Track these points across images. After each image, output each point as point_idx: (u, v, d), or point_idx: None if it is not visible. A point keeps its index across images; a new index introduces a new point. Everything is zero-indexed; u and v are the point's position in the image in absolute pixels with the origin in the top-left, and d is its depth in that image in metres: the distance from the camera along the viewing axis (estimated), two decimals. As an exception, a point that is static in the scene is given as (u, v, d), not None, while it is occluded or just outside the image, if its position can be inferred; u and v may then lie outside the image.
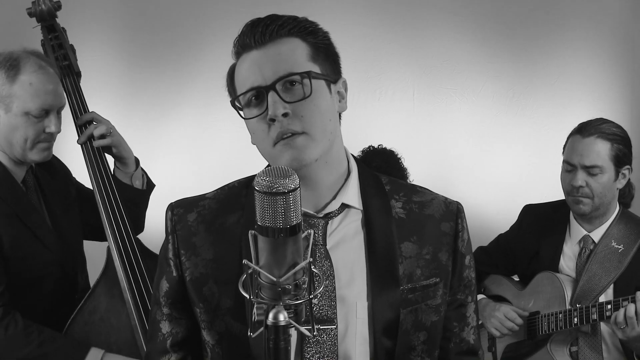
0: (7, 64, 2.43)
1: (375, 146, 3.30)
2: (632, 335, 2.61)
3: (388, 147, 3.30)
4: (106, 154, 2.73)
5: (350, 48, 3.95)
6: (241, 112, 1.56)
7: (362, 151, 3.30)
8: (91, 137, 2.70)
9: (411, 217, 1.62)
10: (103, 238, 2.70)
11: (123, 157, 2.75)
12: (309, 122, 1.50)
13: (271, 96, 1.49)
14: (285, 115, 1.48)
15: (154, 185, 2.88)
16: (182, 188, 2.15)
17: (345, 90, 1.62)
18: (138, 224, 2.83)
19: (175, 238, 1.63)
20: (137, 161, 2.81)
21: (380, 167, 3.11)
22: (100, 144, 2.69)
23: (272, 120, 1.48)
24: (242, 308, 1.53)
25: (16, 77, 2.43)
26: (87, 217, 2.77)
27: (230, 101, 1.57)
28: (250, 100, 1.52)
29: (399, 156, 3.28)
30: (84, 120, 2.71)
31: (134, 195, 2.78)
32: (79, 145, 2.71)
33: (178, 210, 1.65)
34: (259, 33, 1.51)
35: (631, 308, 2.60)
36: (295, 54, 1.52)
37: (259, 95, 1.51)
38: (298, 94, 1.50)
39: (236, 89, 1.57)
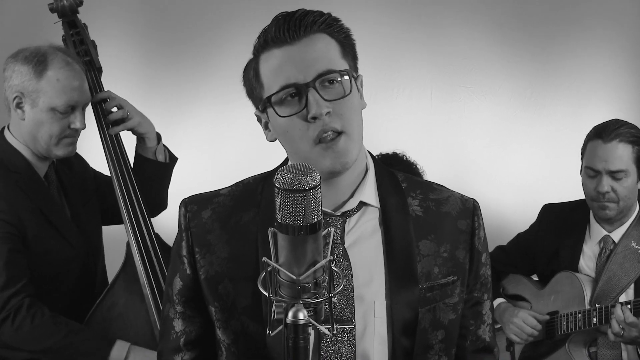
0: (35, 59, 2.44)
1: (389, 152, 3.27)
2: (631, 336, 2.65)
3: (399, 152, 3.27)
4: (128, 132, 2.74)
5: (368, 46, 3.93)
6: (275, 109, 1.50)
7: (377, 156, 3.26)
8: (106, 123, 2.70)
9: (428, 215, 1.60)
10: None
11: (144, 134, 2.74)
12: (347, 120, 1.49)
13: (312, 94, 1.46)
14: (327, 113, 1.46)
15: (177, 159, 2.87)
16: (198, 184, 2.14)
17: (362, 86, 1.61)
18: (161, 200, 2.85)
19: (189, 235, 1.61)
20: (158, 136, 2.80)
21: None
22: (115, 131, 2.69)
23: (314, 119, 1.46)
24: (259, 307, 1.52)
25: (43, 72, 2.43)
26: (106, 203, 2.78)
27: (266, 98, 1.52)
28: (284, 97, 1.49)
29: (411, 160, 3.26)
30: (99, 98, 2.71)
31: (158, 169, 2.78)
32: (98, 137, 2.71)
33: (192, 206, 1.63)
34: (293, 28, 1.48)
35: (626, 313, 2.63)
36: (330, 51, 1.50)
37: (296, 92, 1.48)
38: (337, 91, 1.49)
39: (264, 84, 1.53)
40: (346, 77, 1.50)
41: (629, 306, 2.67)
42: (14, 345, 2.41)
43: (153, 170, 2.76)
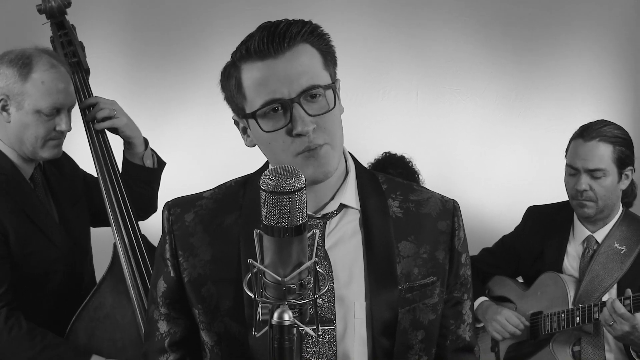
0: (20, 62, 2.43)
1: (397, 154, 3.29)
2: (623, 330, 2.63)
3: (407, 157, 3.29)
4: (114, 135, 2.74)
5: (354, 48, 3.98)
6: (259, 123, 1.50)
7: (377, 159, 3.30)
8: (94, 121, 2.69)
9: (408, 216, 1.62)
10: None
11: (130, 138, 2.73)
12: (331, 133, 1.50)
13: (297, 110, 1.46)
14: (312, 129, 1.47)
15: (165, 163, 2.87)
16: (186, 186, 2.15)
17: (339, 90, 1.60)
18: (151, 204, 2.84)
19: (172, 238, 1.62)
20: (146, 141, 2.80)
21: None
22: (101, 126, 2.68)
23: (299, 135, 1.47)
24: (241, 309, 1.54)
25: (28, 75, 2.42)
26: (95, 205, 2.77)
27: (250, 113, 1.51)
28: (267, 112, 1.49)
29: (415, 169, 3.28)
30: (87, 104, 2.70)
31: (146, 175, 2.78)
32: (85, 138, 2.70)
33: (175, 209, 1.64)
34: (278, 40, 1.47)
35: (617, 304, 2.63)
36: (313, 64, 1.50)
37: (280, 107, 1.48)
38: (321, 106, 1.49)
39: (246, 96, 1.52)
40: (329, 90, 1.51)
41: (627, 302, 2.67)
42: None
43: (141, 176, 2.76)
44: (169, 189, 2.79)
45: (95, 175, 2.72)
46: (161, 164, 2.86)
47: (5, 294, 2.39)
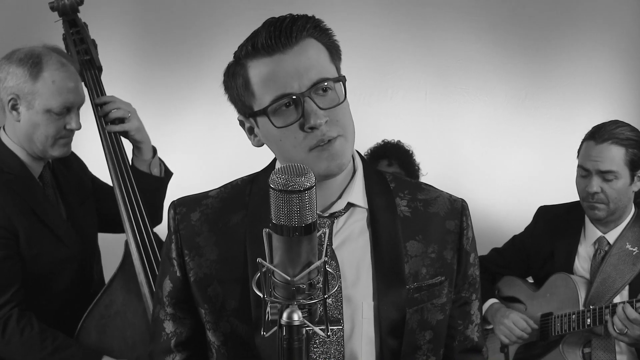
0: (30, 61, 2.43)
1: (393, 140, 3.30)
2: (635, 334, 2.62)
3: (406, 145, 3.30)
4: (123, 139, 2.73)
5: (363, 47, 3.98)
6: (271, 119, 1.48)
7: (370, 149, 3.31)
8: (106, 121, 2.69)
9: (416, 216, 1.61)
10: (118, 230, 2.70)
11: (140, 142, 2.72)
12: (343, 125, 1.49)
13: (309, 104, 1.45)
14: (325, 122, 1.46)
15: (172, 174, 2.86)
16: (192, 185, 2.15)
17: None
18: (156, 213, 2.83)
19: (178, 237, 1.62)
20: (154, 149, 2.79)
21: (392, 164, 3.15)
22: (113, 129, 2.68)
23: (312, 128, 1.46)
24: (248, 309, 1.54)
25: (39, 74, 2.42)
26: (102, 209, 2.78)
27: (261, 110, 1.50)
28: (277, 108, 1.47)
29: (414, 159, 3.29)
30: (103, 102, 2.70)
31: (153, 183, 2.76)
32: (99, 139, 2.71)
33: (181, 208, 1.63)
34: (285, 35, 1.46)
35: (628, 309, 2.61)
36: (320, 58, 1.50)
37: (291, 102, 1.47)
38: (332, 99, 1.49)
39: (255, 93, 1.51)
40: (339, 83, 1.51)
41: (639, 304, 2.65)
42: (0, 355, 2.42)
43: (147, 184, 2.73)
44: (175, 187, 2.80)
45: (104, 179, 2.73)
46: (168, 173, 2.84)
47: (16, 294, 2.41)
